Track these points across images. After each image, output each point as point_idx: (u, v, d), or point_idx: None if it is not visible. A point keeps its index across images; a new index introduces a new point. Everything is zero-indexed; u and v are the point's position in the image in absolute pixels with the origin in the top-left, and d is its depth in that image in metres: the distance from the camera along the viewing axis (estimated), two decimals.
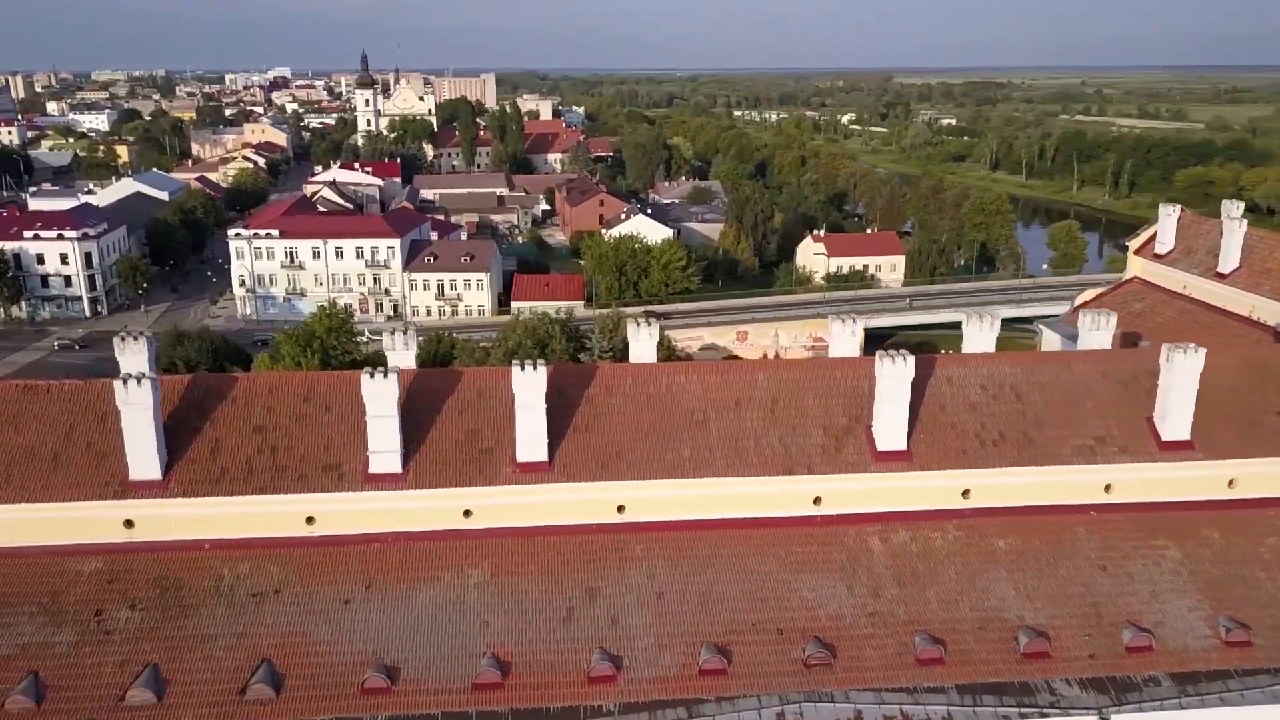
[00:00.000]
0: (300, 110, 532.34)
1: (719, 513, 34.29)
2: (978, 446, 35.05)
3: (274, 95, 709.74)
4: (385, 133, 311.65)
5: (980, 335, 39.07)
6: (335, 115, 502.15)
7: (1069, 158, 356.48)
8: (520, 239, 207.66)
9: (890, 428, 34.44)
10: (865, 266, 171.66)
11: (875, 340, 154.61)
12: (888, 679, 30.62)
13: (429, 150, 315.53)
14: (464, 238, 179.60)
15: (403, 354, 36.96)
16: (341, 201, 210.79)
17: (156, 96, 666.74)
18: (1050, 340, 73.72)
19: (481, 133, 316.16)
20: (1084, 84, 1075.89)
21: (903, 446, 34.57)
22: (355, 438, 33.89)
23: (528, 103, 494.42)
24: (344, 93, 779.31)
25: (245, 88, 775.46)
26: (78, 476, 32.66)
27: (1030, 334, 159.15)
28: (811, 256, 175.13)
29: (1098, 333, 39.91)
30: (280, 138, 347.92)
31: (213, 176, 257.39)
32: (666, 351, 76.57)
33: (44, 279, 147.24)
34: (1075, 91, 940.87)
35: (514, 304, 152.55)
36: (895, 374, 33.94)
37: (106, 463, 32.94)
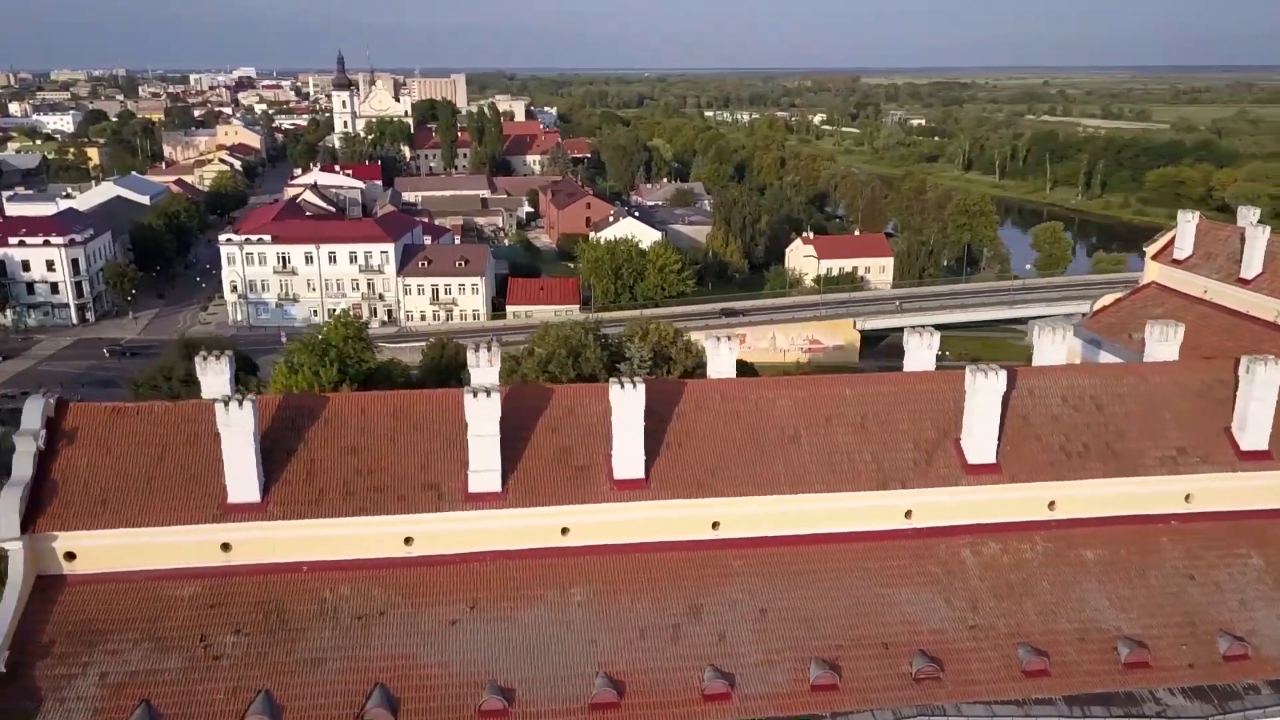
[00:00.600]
0: (270, 111, 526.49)
1: (813, 528, 34.54)
2: (1064, 459, 35.55)
3: (241, 95, 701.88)
4: (362, 135, 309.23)
5: (1053, 347, 39.62)
6: (306, 116, 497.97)
7: (1041, 158, 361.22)
8: (507, 242, 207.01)
9: (981, 441, 34.84)
10: (854, 269, 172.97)
11: (869, 342, 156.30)
12: (996, 692, 31.01)
13: (405, 152, 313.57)
14: (457, 241, 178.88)
15: (486, 370, 36.74)
16: (324, 205, 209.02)
17: (120, 97, 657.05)
18: (1073, 346, 74.76)
19: (460, 134, 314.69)
20: (1046, 84, 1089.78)
21: (992, 459, 35.00)
22: (451, 456, 33.79)
23: (500, 104, 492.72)
24: (312, 93, 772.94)
25: (211, 88, 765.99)
26: (175, 500, 32.28)
27: (1021, 334, 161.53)
28: (801, 259, 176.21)
29: (1166, 344, 40.59)
30: (254, 139, 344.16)
31: (189, 179, 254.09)
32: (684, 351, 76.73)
33: (29, 286, 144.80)
34: (1039, 92, 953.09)
35: (509, 308, 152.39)
36: (988, 388, 34.34)
37: (202, 485, 32.57)
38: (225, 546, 32.55)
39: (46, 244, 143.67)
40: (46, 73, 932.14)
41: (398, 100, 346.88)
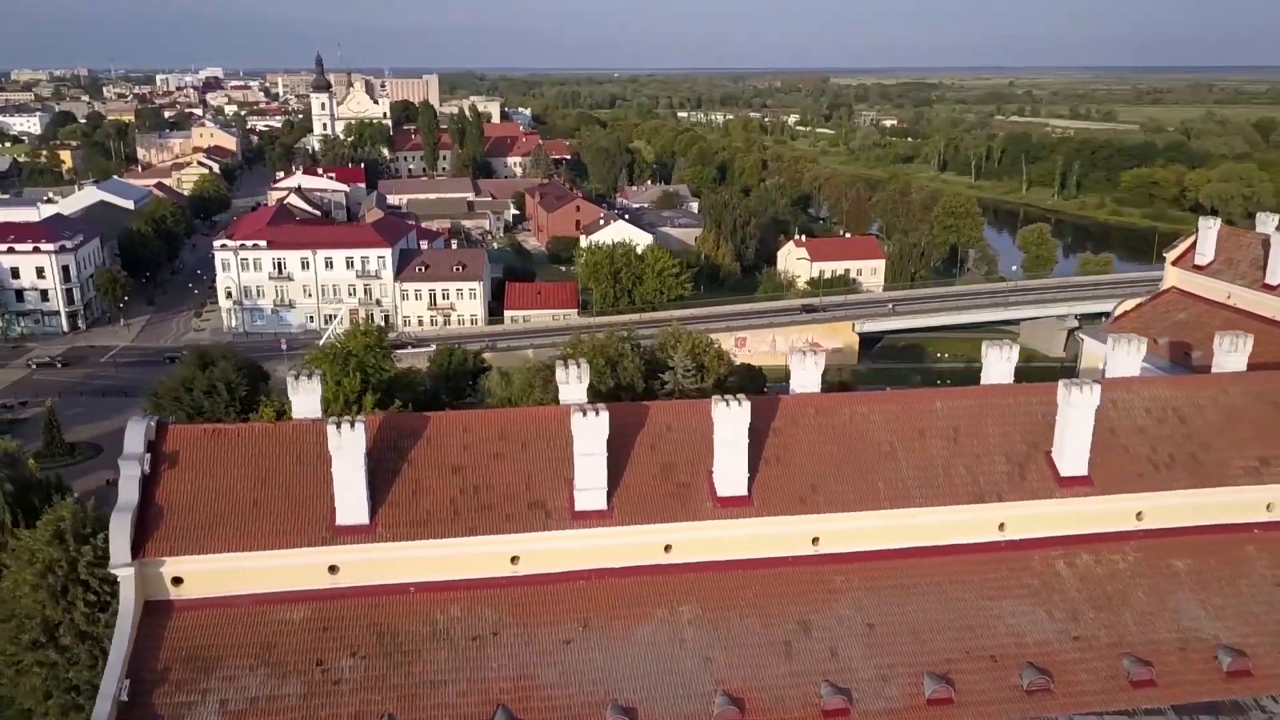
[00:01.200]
0: (242, 113, 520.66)
1: (911, 541, 34.89)
2: (1152, 470, 36.14)
3: (209, 96, 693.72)
4: (342, 137, 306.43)
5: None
6: (279, 118, 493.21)
7: (1015, 159, 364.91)
8: (495, 245, 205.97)
9: (1074, 454, 35.31)
10: (847, 270, 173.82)
11: (865, 344, 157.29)
12: (1106, 702, 31.50)
13: (384, 154, 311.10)
14: (454, 245, 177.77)
15: (576, 387, 36.81)
16: (309, 209, 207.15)
17: (86, 98, 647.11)
18: (1094, 350, 75.82)
19: (440, 136, 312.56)
20: (1012, 84, 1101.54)
21: (1084, 472, 35.49)
22: (554, 474, 33.82)
23: (476, 105, 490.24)
24: (281, 93, 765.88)
25: (179, 88, 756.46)
26: (282, 523, 32.05)
27: (1011, 334, 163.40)
28: (794, 261, 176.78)
29: (1234, 354, 41.28)
30: (230, 142, 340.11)
31: (168, 183, 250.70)
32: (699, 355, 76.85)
33: (19, 293, 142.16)
34: (1006, 92, 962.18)
35: (508, 313, 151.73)
36: (1083, 403, 34.79)
37: (308, 508, 32.36)
38: (333, 569, 32.39)
39: (36, 250, 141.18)
40: (6, 72, 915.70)
41: (376, 102, 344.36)
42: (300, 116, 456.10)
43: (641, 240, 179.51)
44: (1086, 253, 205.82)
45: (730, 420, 33.26)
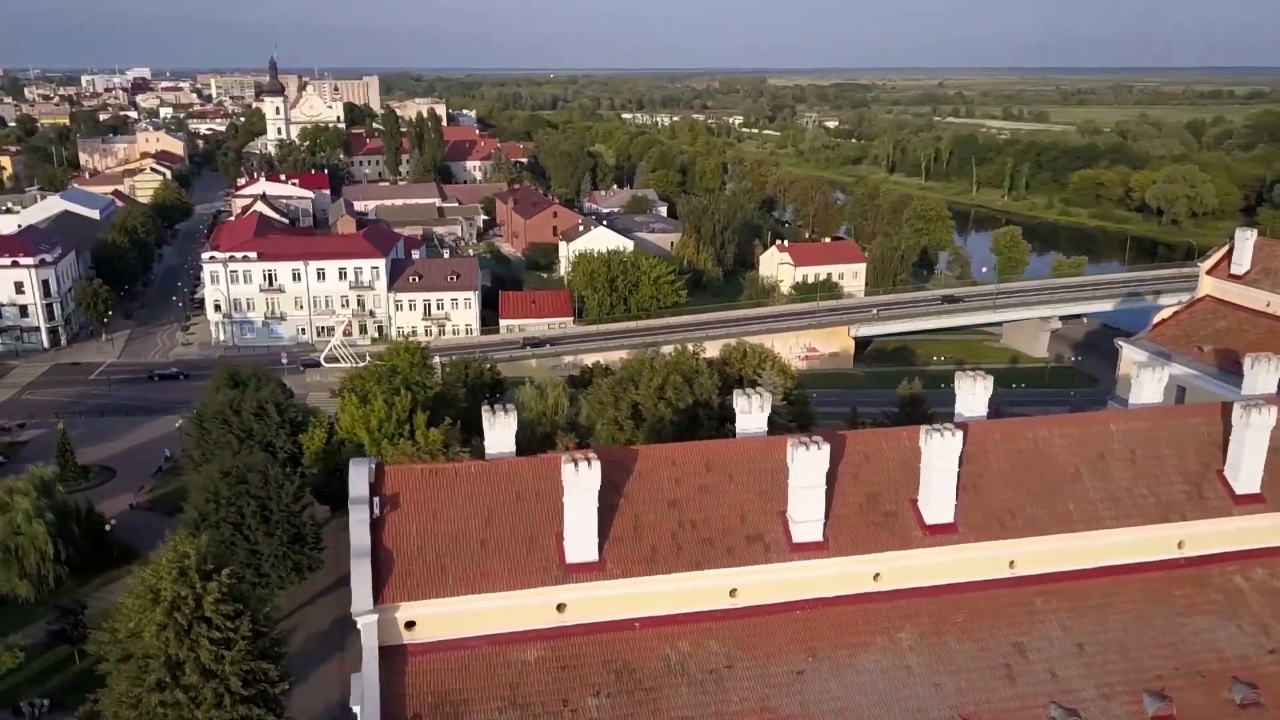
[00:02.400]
0: (179, 115, 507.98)
1: (1100, 561, 36.02)
2: None
3: (140, 98, 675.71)
4: (297, 141, 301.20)
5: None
6: (218, 120, 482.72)
7: (963, 160, 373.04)
8: (471, 252, 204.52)
9: (1249, 473, 36.77)
10: (829, 275, 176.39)
11: (858, 347, 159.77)
12: None
13: (341, 159, 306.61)
14: (445, 255, 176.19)
15: (757, 416, 37.27)
16: (277, 216, 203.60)
17: (10, 99, 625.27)
18: (1132, 356, 78.30)
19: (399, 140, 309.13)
20: (941, 85, 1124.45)
21: (1257, 489, 36.99)
22: (765, 506, 34.20)
23: (418, 106, 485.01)
24: (215, 95, 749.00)
25: (107, 89, 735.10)
26: (512, 563, 31.96)
27: (994, 335, 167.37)
28: (777, 266, 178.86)
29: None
30: (177, 146, 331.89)
31: (122, 190, 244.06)
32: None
33: None
34: (938, 93, 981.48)
35: (503, 322, 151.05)
36: (1260, 424, 36.22)
37: (536, 546, 32.32)
38: (560, 606, 32.42)
39: (15, 265, 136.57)
40: None
41: (329, 106, 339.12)
42: (243, 119, 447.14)
43: (622, 246, 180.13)
44: (1058, 255, 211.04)
45: (943, 451, 34.00)
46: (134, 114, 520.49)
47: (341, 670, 68.54)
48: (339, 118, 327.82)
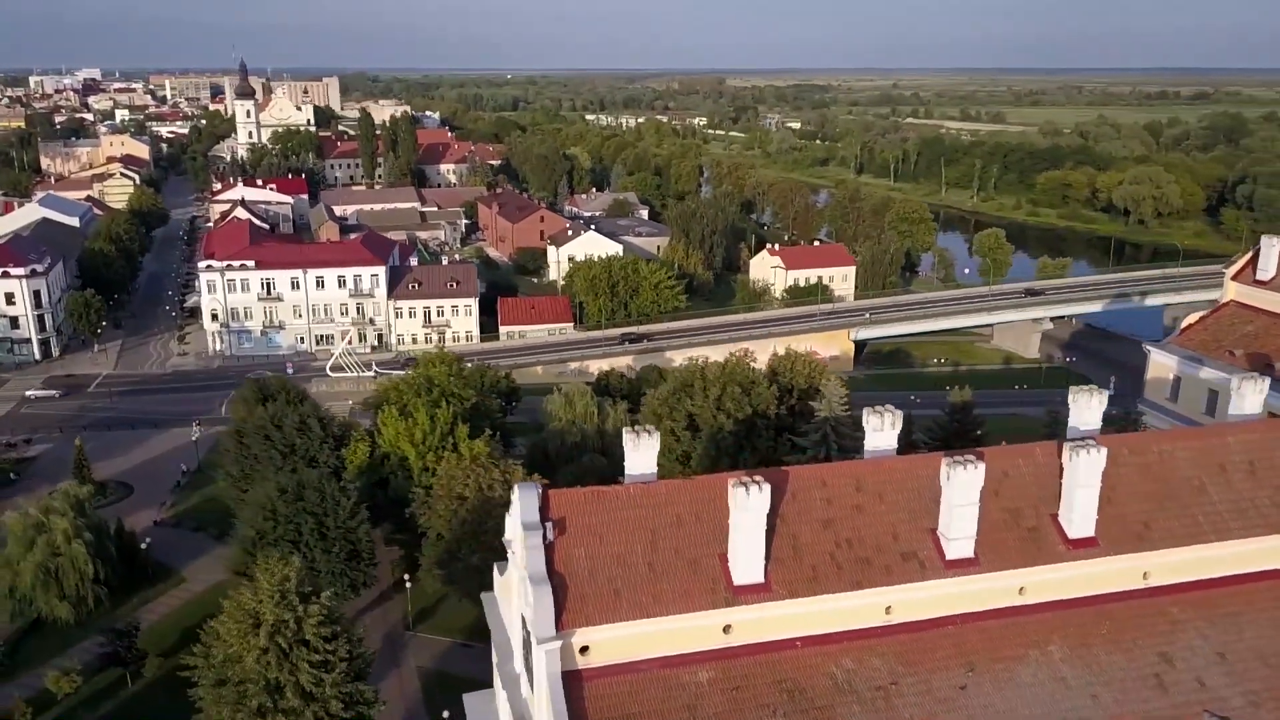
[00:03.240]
0: (137, 118, 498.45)
1: (1224, 571, 37.11)
2: None
3: (92, 100, 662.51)
4: (269, 145, 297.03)
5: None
6: (178, 123, 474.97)
7: (931, 162, 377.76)
8: (458, 257, 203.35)
9: None
10: (820, 278, 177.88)
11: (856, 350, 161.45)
12: None
13: (311, 161, 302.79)
14: (444, 262, 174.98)
15: (888, 434, 37.92)
16: (258, 222, 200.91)
17: None
18: (1161, 361, 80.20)
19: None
20: (896, 86, 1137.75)
21: None
22: (915, 524, 34.77)
23: (383, 108, 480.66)
24: (168, 95, 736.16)
25: (58, 91, 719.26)
26: (680, 586, 32.21)
27: (984, 336, 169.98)
28: (769, 270, 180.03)
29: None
30: (142, 150, 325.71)
31: (94, 195, 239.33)
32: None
33: None
34: (894, 94, 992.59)
35: (503, 329, 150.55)
36: None
37: (701, 568, 32.59)
38: (726, 628, 32.74)
39: (6, 275, 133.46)
40: None
41: (298, 108, 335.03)
42: (204, 122, 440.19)
43: (612, 251, 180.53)
44: (1037, 256, 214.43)
45: (1089, 468, 34.84)
46: (89, 116, 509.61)
47: (401, 686, 68.24)
48: (309, 121, 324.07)
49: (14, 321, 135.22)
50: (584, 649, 31.63)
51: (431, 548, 70.96)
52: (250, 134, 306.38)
